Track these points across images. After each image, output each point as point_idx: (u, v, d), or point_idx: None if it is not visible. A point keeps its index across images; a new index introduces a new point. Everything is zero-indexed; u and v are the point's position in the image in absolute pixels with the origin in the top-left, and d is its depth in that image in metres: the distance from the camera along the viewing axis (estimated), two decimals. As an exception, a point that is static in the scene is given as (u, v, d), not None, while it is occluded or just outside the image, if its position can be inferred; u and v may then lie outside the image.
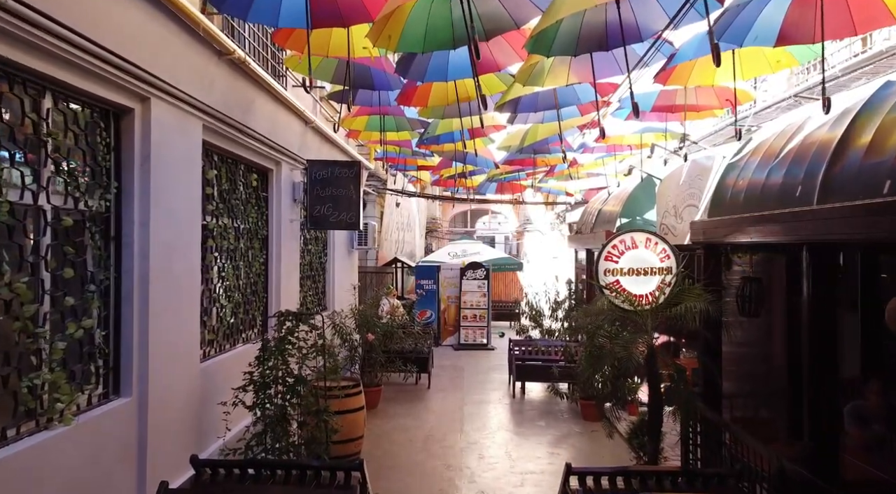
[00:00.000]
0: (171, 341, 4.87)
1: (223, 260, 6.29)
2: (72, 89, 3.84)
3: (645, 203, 9.61)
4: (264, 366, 5.56)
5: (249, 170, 7.06)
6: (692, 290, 5.49)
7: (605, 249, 6.01)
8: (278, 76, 7.62)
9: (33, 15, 3.22)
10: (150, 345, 4.52)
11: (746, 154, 5.70)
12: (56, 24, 3.40)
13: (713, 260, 5.88)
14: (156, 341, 4.59)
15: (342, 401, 6.89)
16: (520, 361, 10.72)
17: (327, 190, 8.20)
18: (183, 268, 5.10)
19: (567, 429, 8.67)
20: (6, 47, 3.22)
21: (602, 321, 5.79)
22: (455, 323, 16.09)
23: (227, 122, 5.84)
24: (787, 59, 4.83)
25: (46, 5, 3.30)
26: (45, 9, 3.29)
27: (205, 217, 5.82)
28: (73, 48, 3.63)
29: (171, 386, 4.86)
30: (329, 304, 10.68)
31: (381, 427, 8.58)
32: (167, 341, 4.79)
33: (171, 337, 4.87)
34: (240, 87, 6.08)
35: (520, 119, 7.33)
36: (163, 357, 4.71)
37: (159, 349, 4.65)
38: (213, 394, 5.56)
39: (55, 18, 3.38)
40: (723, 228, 5.50)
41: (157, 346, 4.62)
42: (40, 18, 3.28)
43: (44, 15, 3.29)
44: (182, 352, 5.08)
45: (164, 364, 4.75)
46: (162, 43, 4.63)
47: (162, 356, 4.69)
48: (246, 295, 6.90)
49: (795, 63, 4.91)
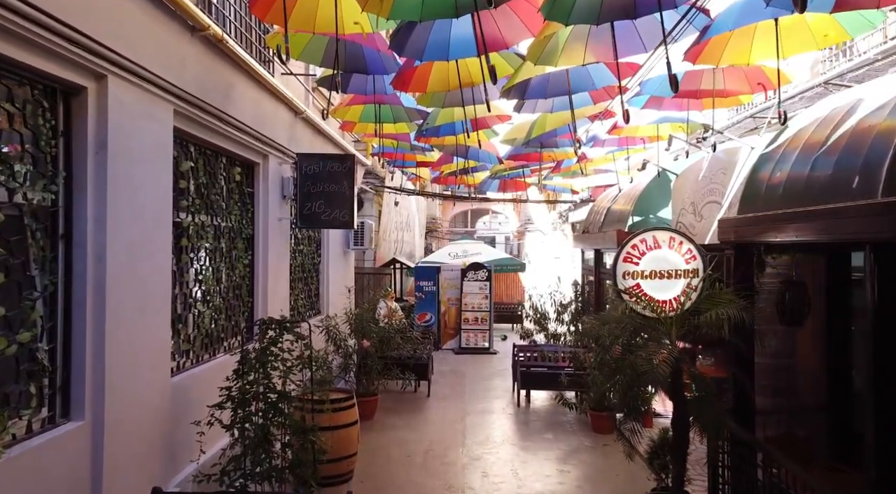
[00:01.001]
0: (135, 354, 4.27)
1: (201, 262, 5.69)
2: (6, 61, 3.24)
3: (659, 200, 9.00)
4: (243, 380, 4.97)
5: (232, 163, 6.46)
6: (723, 295, 4.89)
7: (624, 249, 5.41)
8: (265, 62, 7.02)
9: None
10: (108, 360, 3.93)
11: (783, 144, 5.10)
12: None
13: (744, 262, 5.28)
14: (115, 354, 3.99)
15: (333, 416, 6.29)
16: (524, 367, 10.13)
17: (319, 185, 7.62)
18: (150, 271, 4.50)
19: (577, 443, 8.07)
20: None
21: (622, 330, 5.19)
22: (456, 327, 15.49)
23: (203, 108, 5.24)
24: (837, 32, 4.23)
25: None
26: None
27: (178, 213, 5.23)
28: (6, 12, 3.04)
29: (133, 406, 4.26)
30: (323, 308, 10.09)
31: (377, 440, 7.98)
32: (129, 354, 4.19)
33: (135, 350, 4.27)
34: (217, 69, 5.48)
35: (527, 107, 6.73)
36: (123, 372, 4.11)
37: (119, 363, 4.05)
38: (186, 412, 4.96)
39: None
40: (758, 226, 4.90)
41: (117, 360, 4.02)
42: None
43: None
44: (148, 366, 4.48)
45: (126, 380, 4.15)
46: (120, 12, 4.03)
47: (122, 371, 4.10)
48: (228, 299, 6.31)
49: (846, 37, 4.31)
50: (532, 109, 6.81)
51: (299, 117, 7.89)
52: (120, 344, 4.06)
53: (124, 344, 4.13)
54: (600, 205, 12.03)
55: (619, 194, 10.58)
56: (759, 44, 4.44)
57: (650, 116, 7.41)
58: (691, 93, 5.78)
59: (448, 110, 7.17)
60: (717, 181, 6.99)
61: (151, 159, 4.54)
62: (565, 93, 5.82)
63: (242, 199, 6.74)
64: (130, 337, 4.21)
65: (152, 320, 4.54)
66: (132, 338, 4.23)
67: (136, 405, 4.29)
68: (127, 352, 4.16)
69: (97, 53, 3.76)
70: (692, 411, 5.10)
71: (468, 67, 5.63)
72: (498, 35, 4.60)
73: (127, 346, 4.16)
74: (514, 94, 5.78)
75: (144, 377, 4.42)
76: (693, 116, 7.04)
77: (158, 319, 4.66)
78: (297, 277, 8.82)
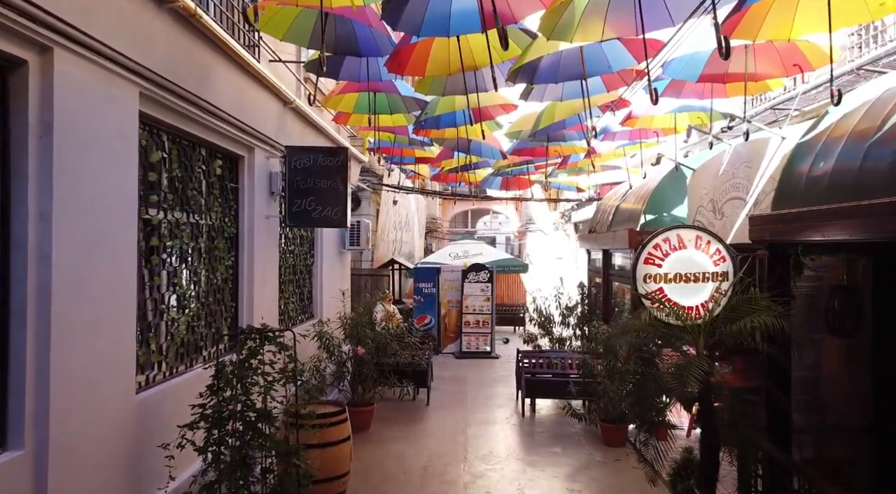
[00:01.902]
0: (89, 369, 3.72)
1: (176, 263, 5.14)
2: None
3: (674, 197, 8.45)
4: (219, 397, 4.42)
5: (213, 156, 5.91)
6: (758, 301, 4.34)
7: (646, 250, 4.86)
8: (250, 47, 6.47)
9: None
10: (54, 378, 3.38)
11: (825, 132, 4.55)
12: None
13: (780, 264, 4.73)
14: (63, 371, 3.45)
15: (323, 433, 5.74)
16: (529, 374, 9.57)
17: (309, 181, 7.05)
18: (110, 274, 3.95)
19: (586, 458, 7.51)
20: None
21: (644, 338, 4.64)
22: (456, 330, 14.93)
23: (176, 92, 4.69)
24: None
25: None
26: None
27: (148, 209, 4.68)
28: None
29: (88, 430, 3.71)
30: (317, 312, 9.53)
31: (373, 454, 7.42)
32: (82, 369, 3.64)
33: (89, 365, 3.72)
34: (192, 50, 4.93)
35: (535, 94, 6.18)
36: (75, 392, 3.57)
37: (68, 382, 3.50)
38: (155, 433, 4.41)
39: None
40: (798, 223, 4.35)
41: (65, 378, 3.47)
42: None
43: None
44: (107, 383, 3.92)
45: (78, 400, 3.60)
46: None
47: (73, 391, 3.55)
48: (208, 304, 5.75)
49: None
50: (540, 97, 6.26)
51: (289, 108, 7.33)
52: (69, 359, 3.51)
53: (76, 358, 3.58)
54: (608, 203, 11.48)
55: (629, 191, 10.03)
56: (803, 15, 3.90)
57: (667, 105, 6.84)
58: (717, 78, 5.22)
59: (449, 99, 6.62)
60: (741, 175, 6.44)
61: (112, 147, 3.99)
62: (578, 77, 5.26)
63: (224, 195, 6.19)
64: (84, 351, 3.66)
65: (112, 330, 3.99)
66: (86, 352, 3.68)
67: (91, 428, 3.74)
68: (79, 368, 3.61)
69: (39, 20, 3.21)
70: (724, 430, 4.55)
71: (471, 48, 5.08)
72: (505, 6, 4.05)
73: (79, 361, 3.62)
74: (523, 78, 5.23)
75: (102, 395, 3.87)
76: (715, 105, 6.48)
77: (121, 328, 4.10)
78: (288, 279, 8.26)
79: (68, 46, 3.47)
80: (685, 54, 4.90)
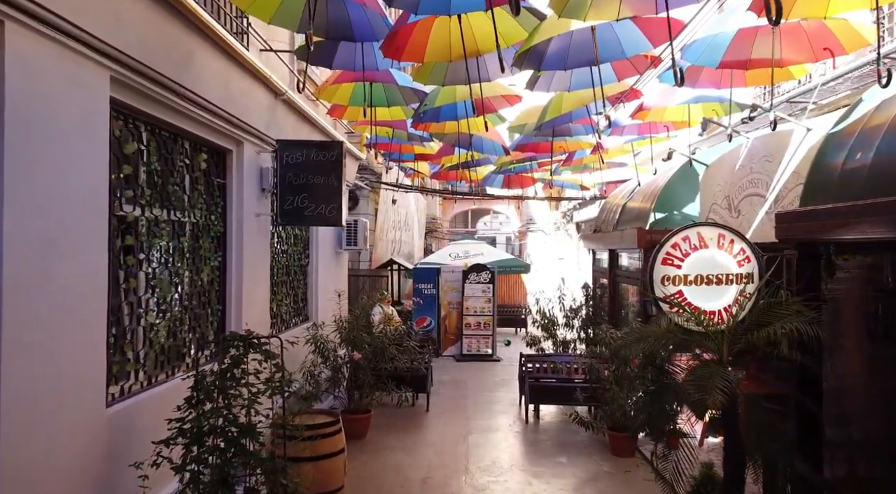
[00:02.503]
0: (48, 381, 3.34)
1: (154, 264, 4.76)
2: None
3: (685, 194, 8.07)
4: (198, 410, 4.05)
5: (197, 149, 5.53)
6: (791, 305, 3.96)
7: (663, 249, 4.47)
8: (238, 34, 6.09)
9: None
10: (4, 392, 2.99)
11: (860, 121, 4.17)
12: None
13: (810, 265, 4.34)
14: (15, 385, 3.06)
15: (315, 445, 5.37)
16: (533, 379, 9.19)
17: (302, 177, 6.68)
18: (74, 276, 3.56)
19: (594, 468, 7.13)
20: None
21: (662, 346, 4.26)
22: (457, 332, 14.55)
23: (152, 78, 4.30)
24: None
25: None
26: None
27: (121, 205, 4.29)
28: None
29: (48, 450, 3.33)
30: (311, 314, 9.16)
31: (369, 465, 7.04)
32: (39, 382, 3.26)
33: (49, 376, 3.34)
34: (171, 33, 4.55)
35: (542, 84, 5.79)
36: (31, 406, 3.19)
37: (22, 396, 3.12)
38: (129, 449, 4.03)
39: None
40: (831, 220, 3.97)
41: (19, 392, 3.09)
42: None
43: None
44: (71, 396, 3.54)
45: (35, 416, 3.22)
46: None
47: (29, 405, 3.17)
48: (192, 307, 5.38)
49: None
50: (547, 86, 5.88)
51: (280, 99, 6.94)
52: (23, 369, 3.13)
53: (32, 368, 3.20)
54: (614, 201, 11.10)
55: (636, 189, 9.64)
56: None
57: (680, 96, 6.45)
58: (740, 64, 4.83)
59: (449, 89, 6.23)
60: (760, 170, 6.06)
61: (78, 135, 3.60)
62: (588, 63, 4.88)
63: (210, 192, 5.81)
64: (43, 362, 3.28)
65: (78, 337, 3.61)
66: (45, 363, 3.30)
67: (52, 449, 3.36)
68: (36, 380, 3.23)
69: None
70: (750, 446, 4.17)
71: (473, 31, 4.70)
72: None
73: (37, 373, 3.24)
74: (529, 64, 4.84)
75: (66, 411, 3.48)
76: (731, 95, 6.09)
77: (88, 335, 3.72)
78: (281, 280, 7.88)
79: (23, 20, 3.09)
80: (706, 36, 4.52)
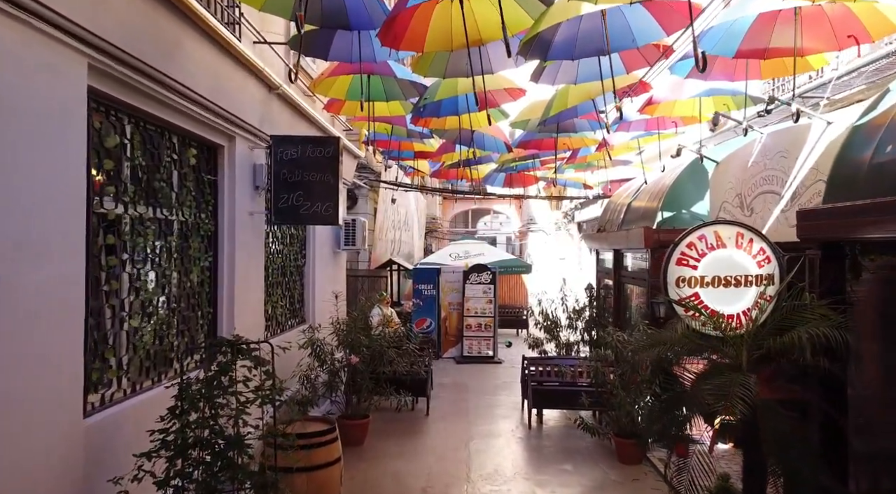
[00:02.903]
0: (19, 390, 3.08)
1: (139, 264, 4.50)
2: None
3: (694, 193, 7.81)
4: (183, 421, 3.79)
5: (185, 144, 5.28)
6: (816, 309, 3.70)
7: (678, 249, 4.21)
8: (230, 24, 5.83)
9: None
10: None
11: (888, 112, 3.91)
12: None
13: (835, 265, 4.09)
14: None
15: (310, 455, 5.11)
16: (536, 383, 8.93)
17: (297, 174, 6.42)
18: (48, 277, 3.31)
19: (601, 477, 6.87)
20: None
21: (679, 350, 4.01)
22: (457, 333, 14.28)
23: (135, 67, 4.04)
24: None
25: None
26: None
27: (102, 202, 4.04)
28: None
29: (16, 464, 3.07)
30: (308, 316, 8.91)
31: (367, 473, 6.78)
32: (8, 391, 3.00)
33: (16, 387, 3.08)
34: (155, 19, 4.29)
35: (548, 75, 5.53)
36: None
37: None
38: (109, 463, 3.78)
39: None
40: (860, 217, 3.71)
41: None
42: None
43: None
44: (43, 406, 3.29)
45: (1, 428, 2.96)
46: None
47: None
48: (180, 310, 5.12)
49: None
50: (552, 79, 5.61)
51: (275, 93, 6.69)
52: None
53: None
54: (618, 200, 10.83)
55: (642, 187, 9.38)
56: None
57: (691, 89, 6.19)
58: (757, 53, 4.57)
59: (451, 82, 5.97)
60: (775, 166, 5.80)
61: (50, 127, 3.35)
62: (597, 53, 4.61)
63: (200, 189, 5.56)
64: (10, 372, 3.02)
65: (53, 343, 3.35)
66: (13, 373, 3.05)
67: (21, 461, 3.10)
68: (3, 391, 2.97)
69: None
70: (772, 457, 3.91)
71: (476, 18, 4.44)
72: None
73: (4, 383, 2.98)
74: (535, 53, 4.58)
75: (37, 421, 3.23)
76: (743, 88, 5.83)
77: (63, 341, 3.46)
78: (276, 281, 7.63)
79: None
80: (723, 23, 4.26)
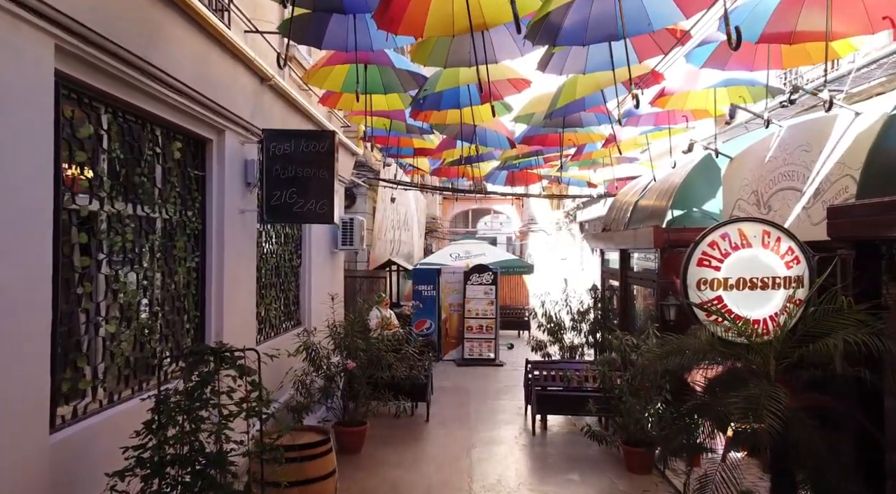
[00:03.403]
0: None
1: (116, 265, 4.18)
2: None
3: (706, 190, 7.49)
4: (160, 436, 3.47)
5: (170, 137, 4.95)
6: (853, 314, 3.38)
7: (699, 249, 3.89)
8: (218, 11, 5.51)
9: None
10: None
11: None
12: None
13: (870, 267, 3.77)
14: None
15: (303, 467, 4.80)
16: (540, 387, 8.61)
17: (290, 169, 6.10)
18: (8, 281, 2.99)
19: (609, 487, 6.55)
20: None
21: (700, 360, 3.69)
22: (458, 335, 13.98)
23: (110, 51, 3.72)
24: None
25: None
26: None
27: (74, 198, 3.71)
28: None
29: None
30: (304, 318, 8.58)
31: (365, 483, 6.46)
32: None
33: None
34: (132, 0, 3.97)
35: (555, 64, 5.20)
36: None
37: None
38: (79, 482, 3.46)
39: None
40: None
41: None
42: None
43: None
44: (2, 421, 2.96)
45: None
46: None
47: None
48: (163, 314, 4.80)
49: None
50: (560, 68, 5.28)
51: (267, 85, 6.36)
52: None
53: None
54: (624, 198, 10.52)
55: (649, 185, 9.06)
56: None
57: (707, 79, 5.86)
58: (783, 37, 4.24)
59: (452, 72, 5.64)
60: (796, 161, 5.48)
61: (11, 113, 3.03)
62: (610, 38, 4.28)
63: (186, 185, 5.23)
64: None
65: (11, 352, 3.03)
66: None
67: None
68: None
69: None
70: (803, 474, 3.59)
71: (479, 2, 4.12)
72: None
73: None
74: (543, 38, 4.25)
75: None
76: (761, 77, 5.51)
77: (26, 349, 3.14)
78: (269, 283, 7.30)
79: (-70, -34, 2.52)
80: (747, 3, 3.93)
